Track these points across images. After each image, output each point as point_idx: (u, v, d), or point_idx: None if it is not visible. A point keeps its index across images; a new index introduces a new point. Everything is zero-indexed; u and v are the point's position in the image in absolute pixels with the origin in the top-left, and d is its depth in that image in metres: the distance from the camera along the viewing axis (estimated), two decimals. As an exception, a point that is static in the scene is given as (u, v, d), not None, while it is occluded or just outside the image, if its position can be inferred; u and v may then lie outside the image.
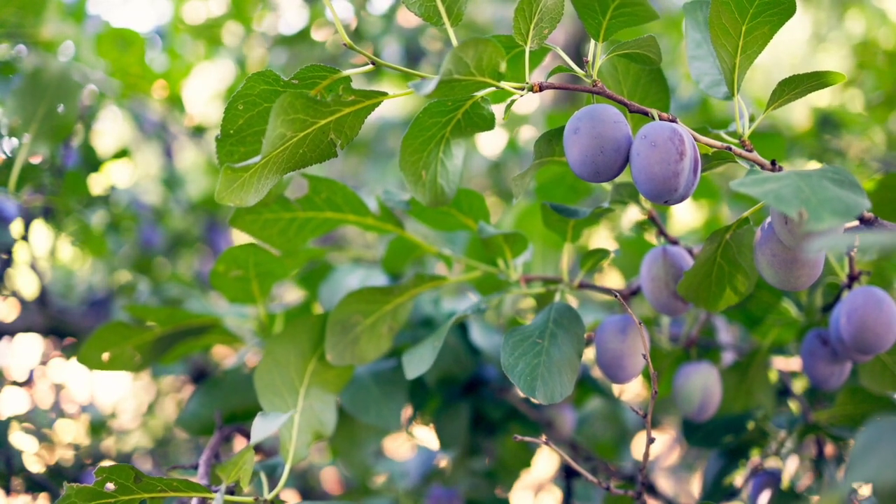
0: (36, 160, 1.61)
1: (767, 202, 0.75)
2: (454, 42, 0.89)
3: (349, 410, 1.30)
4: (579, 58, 0.95)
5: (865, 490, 1.34)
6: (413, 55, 2.70)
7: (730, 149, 0.94)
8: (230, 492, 1.00)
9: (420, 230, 1.94)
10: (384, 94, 0.94)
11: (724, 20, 0.91)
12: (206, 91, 2.87)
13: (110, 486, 0.92)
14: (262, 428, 0.97)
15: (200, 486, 0.97)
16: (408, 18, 2.92)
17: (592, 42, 0.94)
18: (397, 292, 1.22)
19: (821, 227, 0.70)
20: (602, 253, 1.13)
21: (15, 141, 1.56)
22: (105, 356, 1.35)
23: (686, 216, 2.23)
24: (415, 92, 0.83)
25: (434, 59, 2.69)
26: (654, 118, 0.92)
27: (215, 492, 0.98)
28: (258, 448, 1.59)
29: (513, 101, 0.94)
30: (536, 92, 0.91)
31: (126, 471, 0.92)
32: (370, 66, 0.94)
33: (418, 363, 1.12)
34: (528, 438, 1.02)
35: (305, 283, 1.58)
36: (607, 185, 1.11)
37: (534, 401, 1.56)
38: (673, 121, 0.91)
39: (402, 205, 1.22)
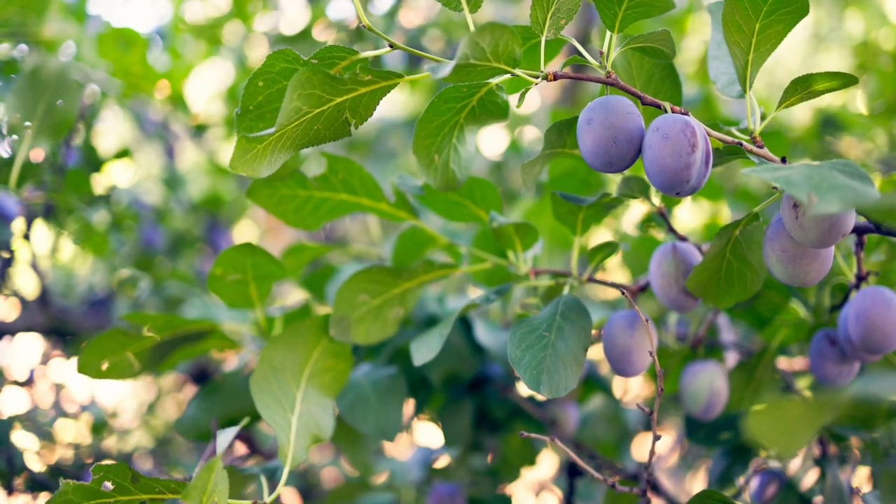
0: (37, 157, 1.60)
1: (779, 186, 0.77)
2: (472, 28, 0.90)
3: (348, 420, 1.30)
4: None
5: (866, 487, 1.34)
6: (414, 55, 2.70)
7: (741, 145, 0.94)
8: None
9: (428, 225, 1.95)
10: (400, 76, 0.95)
11: (738, 17, 0.91)
12: (207, 91, 2.87)
13: (108, 485, 0.91)
14: (223, 440, 0.97)
15: None
16: (409, 18, 2.92)
17: (607, 34, 0.94)
18: (406, 276, 1.23)
19: (829, 210, 0.71)
20: (611, 246, 1.13)
21: (15, 138, 1.56)
22: (104, 365, 1.34)
23: (686, 216, 2.23)
24: (432, 75, 0.84)
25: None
26: (666, 111, 0.92)
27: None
28: (259, 451, 1.59)
29: (527, 90, 0.94)
30: (551, 80, 0.92)
31: (123, 470, 0.91)
32: (388, 49, 0.94)
33: (426, 350, 1.12)
34: (534, 436, 1.02)
35: (309, 285, 1.58)
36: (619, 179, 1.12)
37: (538, 397, 1.58)
38: (685, 114, 0.91)
39: (416, 189, 1.23)
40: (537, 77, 0.93)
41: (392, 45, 0.94)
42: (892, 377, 0.56)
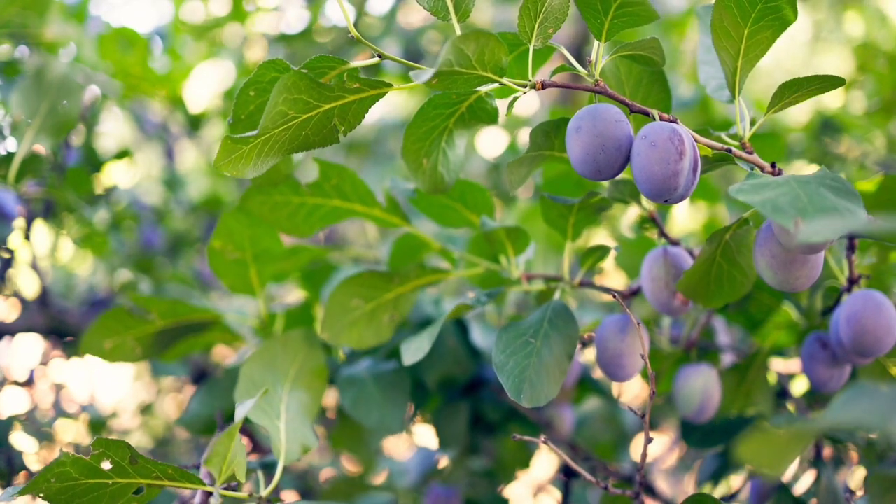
0: (38, 151, 1.61)
1: (763, 212, 0.76)
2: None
3: (351, 414, 1.30)
4: (581, 60, 0.96)
5: (860, 491, 1.34)
6: (413, 57, 2.70)
7: (730, 151, 0.94)
8: (234, 488, 1.00)
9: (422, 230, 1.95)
10: (389, 85, 0.96)
11: (727, 23, 0.92)
12: (206, 91, 2.88)
13: (106, 464, 0.91)
14: (241, 411, 0.98)
15: (196, 478, 0.96)
16: (408, 21, 2.92)
17: (595, 43, 0.94)
18: (398, 280, 1.24)
19: (814, 240, 0.70)
20: (602, 250, 1.13)
21: (17, 136, 1.57)
22: (107, 345, 1.36)
23: (684, 217, 2.23)
24: (414, 80, 0.84)
25: (433, 61, 2.68)
26: (654, 118, 0.93)
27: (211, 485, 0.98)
28: (257, 447, 1.60)
29: (515, 99, 0.95)
30: (539, 90, 0.92)
31: (123, 448, 0.90)
32: (377, 59, 0.95)
33: (415, 351, 1.12)
34: (527, 438, 1.02)
35: (307, 283, 1.58)
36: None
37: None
38: (673, 121, 0.92)
39: (408, 192, 1.23)
40: (525, 86, 0.94)
41: (381, 56, 0.95)
42: (867, 402, 0.57)
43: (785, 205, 0.76)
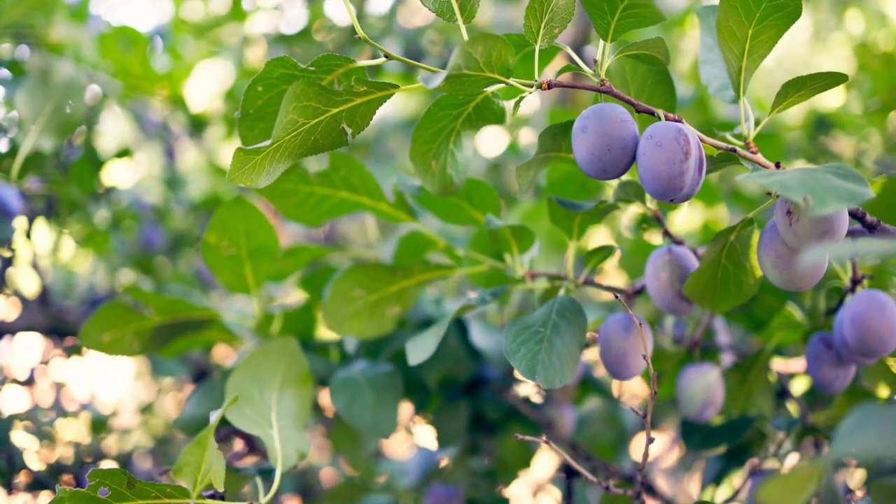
0: (42, 147, 1.61)
1: (773, 190, 0.77)
2: (465, 38, 0.90)
3: (344, 418, 1.30)
4: (582, 59, 0.96)
5: (860, 492, 1.35)
6: (413, 57, 2.70)
7: (735, 151, 0.94)
8: (221, 497, 0.99)
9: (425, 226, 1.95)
10: (395, 87, 0.96)
11: (731, 23, 0.92)
12: (207, 91, 2.87)
13: (104, 490, 0.92)
14: (214, 417, 0.97)
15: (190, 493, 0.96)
16: (408, 20, 2.92)
17: (601, 42, 0.94)
18: (402, 274, 1.24)
19: (825, 211, 0.71)
20: (607, 250, 1.13)
21: (21, 133, 1.58)
22: (105, 338, 1.37)
23: (684, 217, 2.23)
24: (423, 85, 0.84)
25: (434, 60, 2.69)
26: (660, 118, 0.93)
27: (207, 497, 0.97)
28: (256, 450, 1.60)
29: (521, 98, 0.95)
30: (545, 90, 0.92)
31: (119, 476, 0.91)
32: (383, 60, 0.95)
33: (421, 351, 1.12)
34: (528, 438, 1.02)
35: (307, 285, 1.58)
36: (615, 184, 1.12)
37: (534, 399, 1.58)
38: (679, 121, 0.92)
39: (414, 190, 1.23)
40: (531, 86, 0.94)
41: (388, 56, 0.95)
42: (874, 428, 0.58)
43: (794, 184, 0.77)
